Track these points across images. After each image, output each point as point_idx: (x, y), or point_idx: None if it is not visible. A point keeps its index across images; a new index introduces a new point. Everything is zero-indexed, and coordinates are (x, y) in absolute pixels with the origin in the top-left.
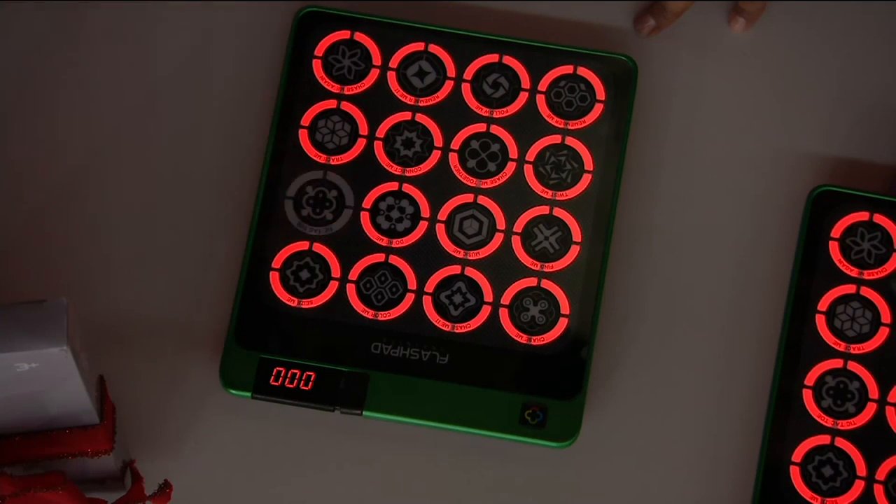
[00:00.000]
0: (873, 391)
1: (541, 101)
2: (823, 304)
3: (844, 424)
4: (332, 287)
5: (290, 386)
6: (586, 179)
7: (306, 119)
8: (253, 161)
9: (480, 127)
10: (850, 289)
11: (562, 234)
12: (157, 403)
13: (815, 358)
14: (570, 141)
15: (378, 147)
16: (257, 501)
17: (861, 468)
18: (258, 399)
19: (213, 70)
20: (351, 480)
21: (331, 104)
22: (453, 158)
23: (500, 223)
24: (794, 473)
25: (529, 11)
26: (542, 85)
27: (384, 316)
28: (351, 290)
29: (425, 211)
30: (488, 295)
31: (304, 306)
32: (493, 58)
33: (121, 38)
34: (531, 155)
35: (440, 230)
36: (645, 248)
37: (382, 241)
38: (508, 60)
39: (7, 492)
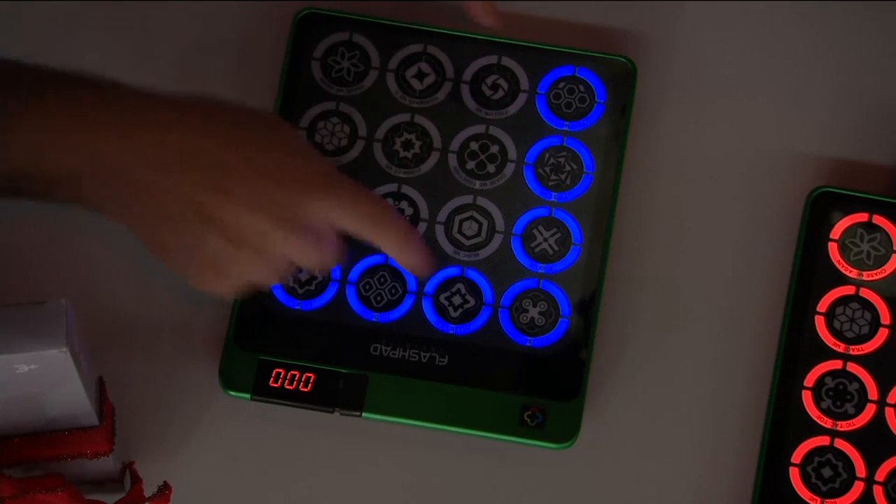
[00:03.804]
0: (872, 392)
1: (540, 102)
2: (823, 306)
3: (844, 425)
4: (332, 288)
5: (290, 387)
6: (586, 181)
7: (305, 121)
8: None
9: (479, 128)
10: (849, 290)
11: (561, 235)
12: (156, 405)
13: (814, 359)
14: (569, 142)
15: (377, 149)
16: (256, 503)
17: (860, 469)
18: (257, 400)
19: (212, 71)
20: (350, 482)
21: (330, 106)
22: (452, 160)
23: (500, 224)
24: (794, 474)
25: (528, 13)
26: (542, 86)
27: (384, 317)
28: (351, 291)
29: (424, 212)
30: (488, 296)
31: (303, 308)
32: (491, 59)
33: (120, 38)
34: (530, 156)
35: (439, 232)
36: (644, 249)
37: None
38: (507, 62)
39: (6, 493)
